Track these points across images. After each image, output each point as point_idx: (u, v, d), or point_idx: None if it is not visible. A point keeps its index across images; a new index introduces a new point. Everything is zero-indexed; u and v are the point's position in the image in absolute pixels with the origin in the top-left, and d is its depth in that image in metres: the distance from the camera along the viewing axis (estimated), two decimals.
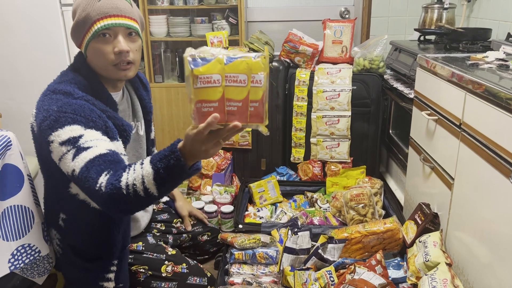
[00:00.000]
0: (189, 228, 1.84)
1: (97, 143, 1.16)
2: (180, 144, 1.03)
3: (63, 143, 1.16)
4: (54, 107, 1.21)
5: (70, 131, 1.17)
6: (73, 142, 1.16)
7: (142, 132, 1.58)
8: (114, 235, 1.39)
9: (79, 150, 1.14)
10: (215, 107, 0.94)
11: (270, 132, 2.61)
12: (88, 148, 1.15)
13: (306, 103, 2.51)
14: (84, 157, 1.13)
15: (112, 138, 1.26)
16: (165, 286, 1.52)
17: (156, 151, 1.70)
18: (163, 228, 1.77)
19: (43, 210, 1.49)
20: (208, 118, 0.92)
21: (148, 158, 1.08)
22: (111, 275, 1.42)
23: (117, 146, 1.28)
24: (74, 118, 1.18)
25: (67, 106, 1.21)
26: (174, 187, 1.12)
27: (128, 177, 1.07)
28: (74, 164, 1.14)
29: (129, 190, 1.06)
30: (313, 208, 2.24)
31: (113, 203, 1.09)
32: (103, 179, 1.09)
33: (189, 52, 0.92)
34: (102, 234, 1.38)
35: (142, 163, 1.08)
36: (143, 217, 1.66)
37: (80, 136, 1.16)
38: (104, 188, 1.08)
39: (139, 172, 1.06)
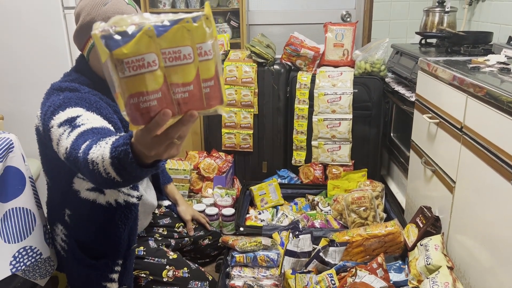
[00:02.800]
0: (192, 233, 1.84)
1: (93, 121, 1.11)
2: (133, 138, 0.81)
3: (61, 124, 1.13)
4: (60, 97, 1.22)
5: (71, 112, 1.15)
6: (70, 121, 1.12)
7: None
8: (120, 232, 1.38)
9: (74, 128, 1.09)
10: (158, 98, 0.67)
11: (271, 135, 2.61)
12: (82, 125, 1.09)
13: (308, 106, 2.51)
14: (77, 132, 1.07)
15: (118, 129, 1.25)
16: None
17: None
18: (165, 232, 1.77)
19: (46, 210, 1.49)
20: (156, 117, 0.67)
21: (113, 138, 0.92)
22: (115, 276, 1.41)
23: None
24: (78, 102, 1.19)
25: (72, 95, 1.22)
26: (138, 178, 0.91)
27: (94, 152, 0.93)
28: (67, 141, 1.07)
29: (94, 167, 0.92)
30: (314, 211, 2.24)
31: (89, 175, 0.97)
32: (83, 146, 0.99)
33: (99, 26, 0.64)
34: (107, 231, 1.38)
35: (105, 143, 0.93)
36: (144, 217, 1.66)
37: (78, 116, 1.13)
38: (81, 156, 0.98)
39: (100, 151, 0.92)
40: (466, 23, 2.65)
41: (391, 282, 1.63)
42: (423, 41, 2.49)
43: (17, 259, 1.36)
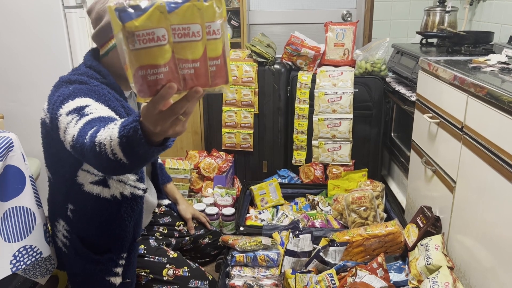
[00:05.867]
0: (193, 232, 1.84)
1: (101, 111, 1.12)
2: (141, 116, 0.81)
3: (69, 113, 1.14)
4: (71, 88, 1.24)
5: (80, 101, 1.17)
6: (78, 110, 1.13)
7: None
8: (125, 225, 1.38)
9: (82, 116, 1.10)
10: (165, 72, 0.69)
11: (272, 135, 2.61)
12: (90, 113, 1.10)
13: (308, 106, 2.51)
14: (84, 120, 1.08)
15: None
16: None
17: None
18: (166, 231, 1.77)
19: (47, 207, 1.49)
20: (161, 90, 0.69)
21: (122, 119, 0.92)
22: (119, 270, 1.40)
23: None
24: (87, 93, 1.21)
25: (82, 86, 1.24)
26: (144, 161, 0.92)
27: (102, 134, 0.93)
28: (75, 129, 1.07)
29: (101, 149, 0.92)
30: (315, 211, 2.24)
31: (94, 159, 0.97)
32: (90, 132, 1.00)
33: (114, 0, 0.67)
34: (112, 225, 1.37)
35: (115, 124, 0.93)
36: (146, 216, 1.66)
37: (87, 105, 1.15)
38: (88, 140, 0.98)
39: (108, 132, 0.92)
40: (467, 23, 2.64)
41: (391, 282, 1.62)
42: (423, 41, 2.49)
43: (18, 258, 1.36)
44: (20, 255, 1.37)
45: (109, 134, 0.90)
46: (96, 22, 1.36)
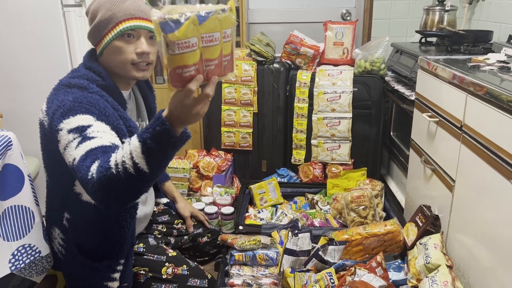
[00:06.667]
0: (191, 229, 1.84)
1: (102, 135, 1.16)
2: (165, 112, 0.98)
3: (71, 131, 1.16)
4: (70, 97, 1.22)
5: (81, 119, 1.17)
6: (80, 130, 1.15)
7: None
8: (125, 232, 1.38)
9: (84, 138, 1.13)
10: (195, 69, 0.91)
11: (271, 134, 2.61)
12: (93, 138, 1.13)
13: (307, 105, 2.50)
14: (87, 146, 1.12)
15: (123, 136, 1.27)
16: None
17: None
18: (164, 229, 1.77)
19: (44, 210, 1.49)
20: (193, 81, 0.91)
21: (135, 135, 1.04)
22: (117, 275, 1.40)
23: None
24: (88, 109, 1.20)
25: (82, 97, 1.22)
26: (165, 161, 1.04)
27: (117, 156, 1.03)
28: (76, 152, 1.12)
29: (119, 169, 1.00)
30: (314, 210, 2.24)
31: (103, 189, 1.03)
32: (94, 166, 1.06)
33: (157, 14, 0.84)
34: (112, 233, 1.37)
35: (129, 141, 1.04)
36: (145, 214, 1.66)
37: (89, 126, 1.16)
38: (95, 174, 1.04)
39: (127, 148, 1.02)
40: (466, 22, 2.64)
41: (390, 281, 1.62)
42: (423, 40, 2.48)
43: (16, 257, 1.36)
44: (19, 254, 1.37)
45: (126, 150, 1.01)
46: (90, 22, 1.36)
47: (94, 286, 1.41)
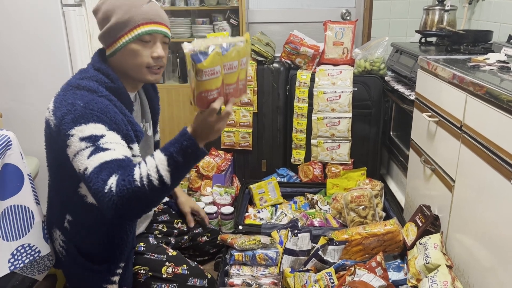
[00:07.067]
0: (192, 225, 1.83)
1: (116, 146, 1.19)
2: (189, 129, 1.13)
3: (83, 139, 1.17)
4: (80, 102, 1.21)
5: (94, 128, 1.18)
6: (94, 140, 1.17)
7: (150, 132, 1.60)
8: (127, 236, 1.39)
9: (98, 149, 1.16)
10: (217, 93, 1.08)
11: (271, 134, 2.61)
12: (106, 149, 1.16)
13: (307, 105, 2.50)
14: (101, 157, 1.15)
15: (131, 141, 1.29)
16: (165, 287, 1.51)
17: None
18: (165, 229, 1.77)
19: (45, 210, 1.49)
20: (215, 102, 1.08)
21: (158, 150, 1.14)
22: (116, 278, 1.41)
23: (134, 149, 1.31)
24: (99, 117, 1.20)
25: (93, 103, 1.21)
26: (185, 173, 1.16)
27: (141, 170, 1.11)
28: (89, 162, 1.15)
29: (143, 182, 1.09)
30: (314, 210, 2.24)
31: (125, 202, 1.09)
32: (113, 180, 1.12)
33: (188, 47, 1.00)
34: (112, 237, 1.37)
35: (152, 155, 1.14)
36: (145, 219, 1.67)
37: (102, 136, 1.18)
38: (115, 187, 1.10)
39: (152, 162, 1.11)
40: (466, 22, 2.64)
41: (390, 281, 1.63)
42: (423, 40, 2.48)
43: (16, 257, 1.36)
44: (18, 253, 1.37)
45: (152, 164, 1.11)
46: (103, 22, 1.33)
47: (92, 287, 1.41)
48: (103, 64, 1.34)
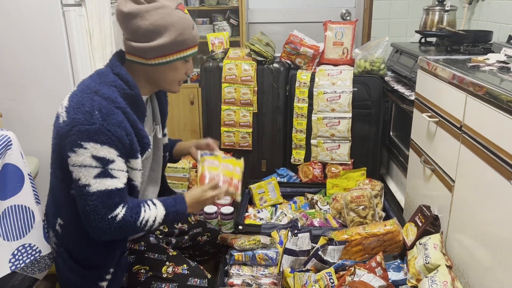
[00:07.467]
0: (199, 157, 1.69)
1: (120, 175, 1.30)
2: (187, 199, 1.43)
3: (96, 158, 1.24)
4: (97, 114, 1.24)
5: (108, 152, 1.25)
6: (104, 163, 1.25)
7: (160, 135, 1.61)
8: (118, 241, 1.41)
9: (106, 173, 1.26)
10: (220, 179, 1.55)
11: (271, 134, 2.61)
12: (113, 177, 1.27)
13: (307, 105, 2.51)
14: (107, 184, 1.26)
15: (133, 156, 1.34)
16: (165, 287, 1.51)
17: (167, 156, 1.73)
18: (166, 229, 1.77)
19: (44, 209, 1.49)
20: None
21: (160, 202, 1.38)
22: (104, 284, 1.42)
23: (136, 163, 1.36)
24: (114, 142, 1.26)
25: (110, 120, 1.25)
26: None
27: (145, 215, 1.34)
28: (94, 182, 1.24)
29: (142, 223, 1.33)
30: (313, 210, 2.24)
31: (119, 232, 1.30)
32: (120, 211, 1.29)
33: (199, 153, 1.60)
34: (102, 243, 1.38)
35: (154, 204, 1.37)
36: None
37: (112, 161, 1.27)
38: (120, 218, 1.28)
39: (154, 212, 1.36)
40: (466, 22, 2.64)
41: (390, 281, 1.63)
42: (422, 40, 2.49)
43: (16, 257, 1.36)
44: (19, 253, 1.37)
45: (154, 213, 1.36)
46: (148, 34, 1.32)
47: None
48: (122, 69, 1.35)
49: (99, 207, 1.25)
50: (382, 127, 2.54)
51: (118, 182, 1.28)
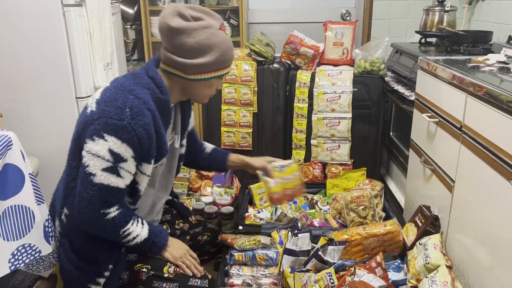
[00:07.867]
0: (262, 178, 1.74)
1: (126, 176, 1.33)
2: (168, 243, 1.51)
3: (111, 152, 1.28)
4: (128, 111, 1.28)
5: (125, 150, 1.29)
6: (117, 160, 1.29)
7: (177, 145, 1.62)
8: (116, 241, 1.42)
9: (114, 170, 1.29)
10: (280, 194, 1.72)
11: (271, 134, 2.61)
12: (119, 175, 1.31)
13: (307, 105, 2.51)
14: (111, 180, 1.30)
15: (147, 160, 1.37)
16: (167, 286, 1.51)
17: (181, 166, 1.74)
18: (169, 231, 1.77)
19: (51, 198, 1.54)
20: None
21: (148, 226, 1.43)
22: (102, 280, 1.44)
23: (147, 168, 1.39)
24: (134, 142, 1.29)
25: (138, 119, 1.29)
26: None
27: (131, 228, 1.37)
28: (101, 174, 1.28)
29: (124, 234, 1.37)
30: (313, 210, 2.24)
31: (101, 228, 1.34)
32: (113, 211, 1.33)
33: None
34: (103, 238, 1.41)
35: (143, 224, 1.42)
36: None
37: (125, 160, 1.30)
38: (110, 218, 1.32)
39: (139, 231, 1.40)
40: (466, 22, 2.65)
41: (390, 281, 1.63)
42: (423, 40, 2.49)
43: (16, 257, 1.36)
44: (18, 253, 1.37)
45: (138, 232, 1.40)
46: (192, 52, 1.35)
47: (77, 285, 1.45)
48: (157, 74, 1.39)
49: (96, 199, 1.29)
50: (382, 127, 2.54)
51: (121, 182, 1.31)
